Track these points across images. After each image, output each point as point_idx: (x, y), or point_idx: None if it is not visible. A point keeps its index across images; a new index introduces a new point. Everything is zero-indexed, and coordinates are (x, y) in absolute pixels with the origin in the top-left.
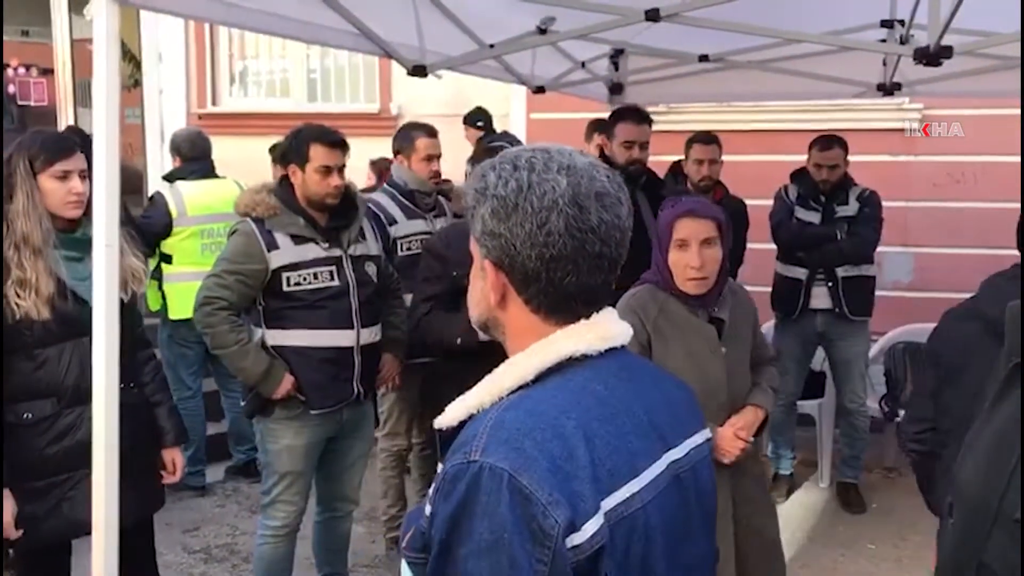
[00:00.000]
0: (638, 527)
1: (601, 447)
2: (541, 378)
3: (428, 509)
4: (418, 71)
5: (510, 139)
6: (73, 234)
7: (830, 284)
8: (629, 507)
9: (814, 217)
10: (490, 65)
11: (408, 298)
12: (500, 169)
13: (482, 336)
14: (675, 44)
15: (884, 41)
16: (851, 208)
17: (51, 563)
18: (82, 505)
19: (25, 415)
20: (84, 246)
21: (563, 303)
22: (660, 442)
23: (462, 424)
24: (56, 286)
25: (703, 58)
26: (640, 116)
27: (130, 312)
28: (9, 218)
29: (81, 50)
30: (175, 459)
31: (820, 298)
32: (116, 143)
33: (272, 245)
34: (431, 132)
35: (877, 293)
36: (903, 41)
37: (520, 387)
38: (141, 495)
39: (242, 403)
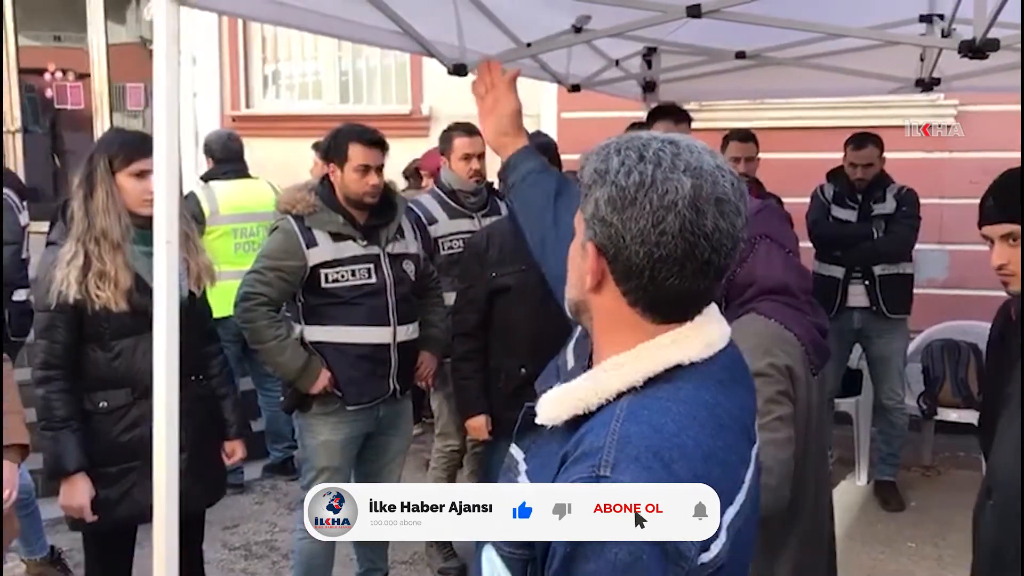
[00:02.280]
0: (744, 537)
1: (716, 465)
2: (647, 383)
3: None
4: (459, 70)
5: (543, 138)
6: (149, 230)
7: (867, 282)
8: (738, 521)
9: (850, 215)
10: (527, 64)
11: (450, 297)
12: (625, 156)
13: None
14: (709, 41)
15: (924, 35)
16: (888, 206)
17: (119, 546)
18: (152, 491)
19: (101, 403)
20: None
21: (660, 302)
22: (749, 443)
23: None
24: (133, 280)
25: (740, 55)
26: (679, 115)
27: (201, 306)
28: (90, 213)
29: (116, 54)
30: (236, 450)
31: (857, 296)
32: (176, 143)
33: (311, 242)
34: (470, 131)
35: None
36: (945, 35)
37: (627, 391)
38: (205, 485)
39: (281, 399)
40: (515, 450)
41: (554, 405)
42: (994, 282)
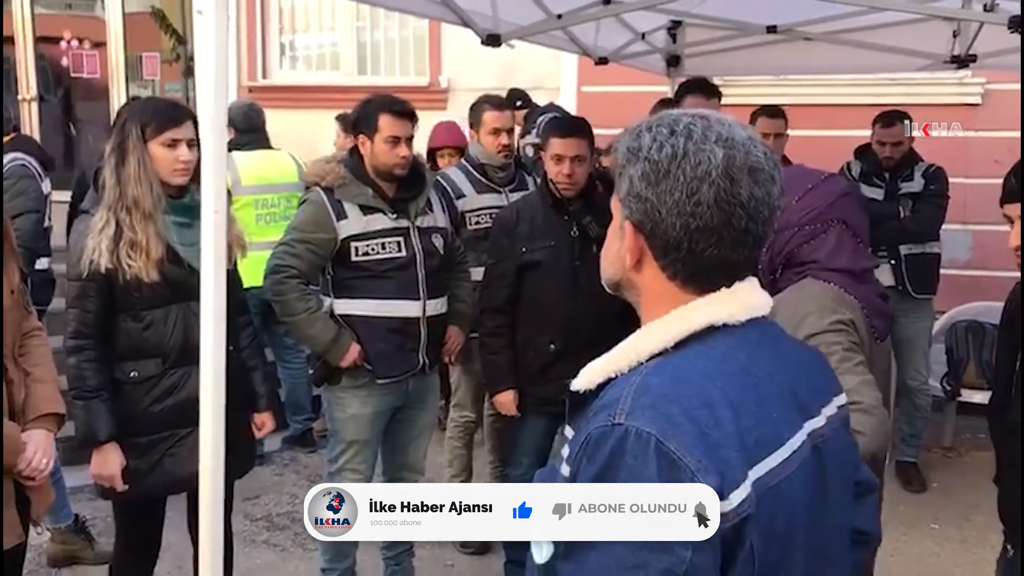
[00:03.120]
0: (782, 497)
1: (746, 416)
2: (681, 345)
3: (565, 470)
4: (492, 40)
5: (557, 109)
6: (181, 200)
7: (892, 261)
8: (775, 477)
9: (877, 194)
10: (557, 35)
11: (476, 272)
12: (656, 132)
13: None
14: (738, 14)
15: (963, 9)
16: (916, 184)
17: (149, 516)
18: (183, 462)
19: (132, 373)
20: (192, 212)
21: (701, 274)
22: (800, 412)
23: (598, 388)
24: (165, 250)
25: (771, 29)
26: (710, 90)
27: (232, 278)
28: (122, 181)
29: (133, 24)
30: (266, 422)
31: (883, 275)
32: (224, 111)
33: (341, 215)
34: (499, 105)
35: None
36: (988, 9)
37: (659, 353)
38: (235, 457)
39: (309, 371)
40: (568, 430)
41: (590, 372)
42: (1017, 263)
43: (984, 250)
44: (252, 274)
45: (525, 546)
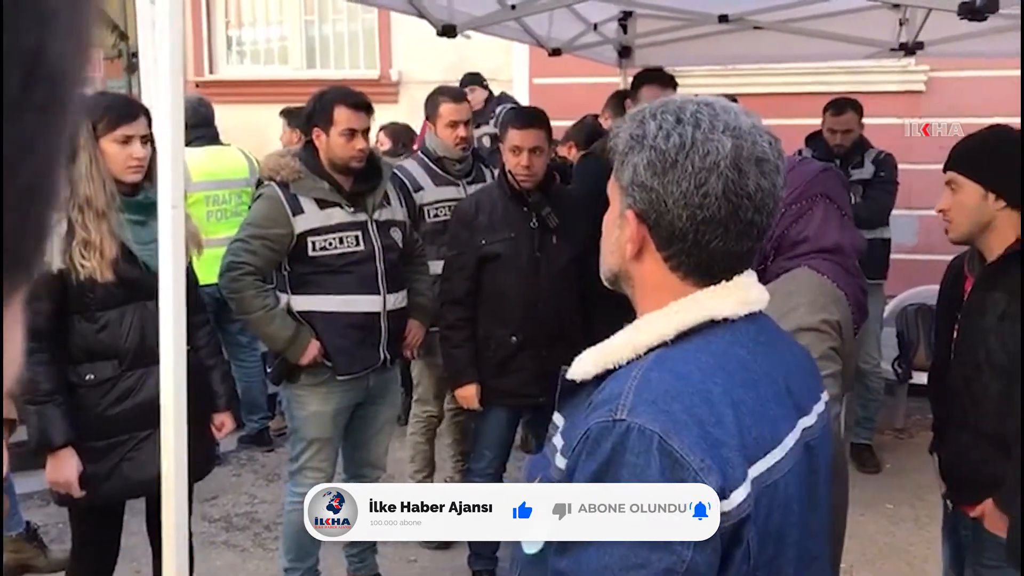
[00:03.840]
0: (779, 496)
1: (747, 414)
2: (680, 338)
3: (560, 462)
4: (448, 31)
5: (510, 99)
6: (135, 198)
7: None
8: (772, 475)
9: None
10: (511, 26)
11: (435, 265)
12: (662, 119)
13: None
14: (690, 4)
15: None
16: (866, 171)
17: (107, 522)
18: (142, 466)
19: (87, 376)
20: (146, 210)
21: (704, 266)
22: (795, 409)
23: (595, 379)
24: (119, 249)
25: (723, 18)
26: (665, 80)
27: (188, 276)
28: (72, 180)
29: None
30: (225, 422)
31: None
32: (181, 103)
33: (297, 209)
34: (456, 97)
35: None
36: None
37: (658, 345)
38: (194, 459)
39: (264, 369)
40: (557, 417)
41: (586, 362)
42: (962, 247)
43: (930, 235)
44: (204, 272)
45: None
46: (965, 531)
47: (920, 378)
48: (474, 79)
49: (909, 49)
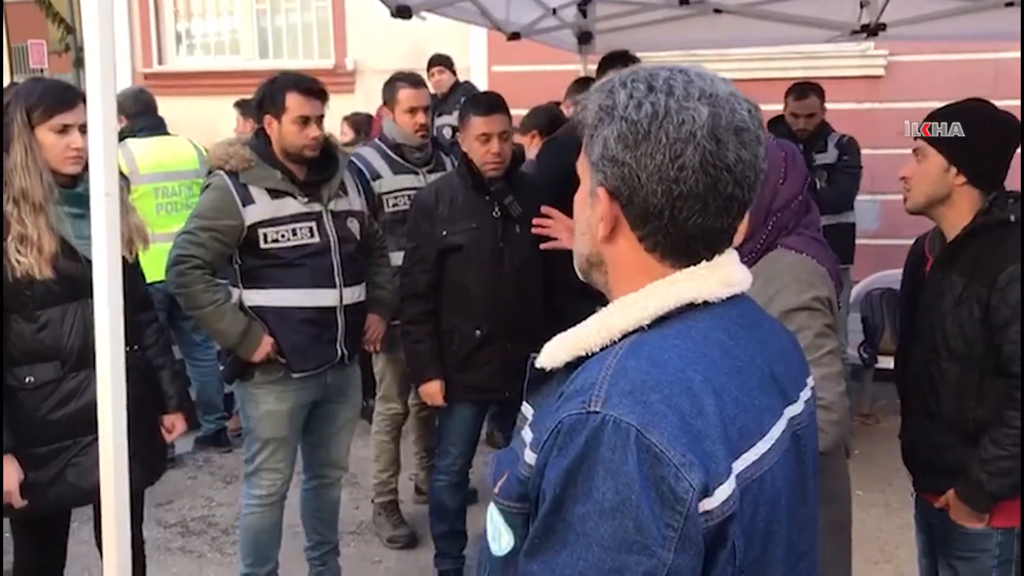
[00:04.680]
0: (765, 490)
1: (730, 404)
2: (657, 323)
3: (529, 456)
4: (402, 12)
5: (469, 86)
6: (75, 189)
7: None
8: (758, 469)
9: None
10: (468, 8)
11: (396, 256)
12: (632, 88)
13: None
14: None
15: None
16: (830, 156)
17: (52, 532)
18: (88, 472)
19: (27, 379)
20: (86, 202)
21: (682, 245)
22: (781, 397)
23: (567, 367)
24: (58, 244)
25: (683, 2)
26: (632, 63)
27: (133, 272)
28: (7, 172)
29: (16, 13)
30: (176, 424)
31: None
32: (113, 86)
33: (247, 200)
34: (415, 83)
35: None
36: None
37: (634, 330)
38: (143, 463)
39: (220, 368)
40: (525, 407)
41: (556, 348)
42: (924, 231)
43: (892, 219)
44: (155, 267)
45: (458, 541)
46: (933, 521)
47: (886, 363)
48: (442, 60)
49: (871, 31)
